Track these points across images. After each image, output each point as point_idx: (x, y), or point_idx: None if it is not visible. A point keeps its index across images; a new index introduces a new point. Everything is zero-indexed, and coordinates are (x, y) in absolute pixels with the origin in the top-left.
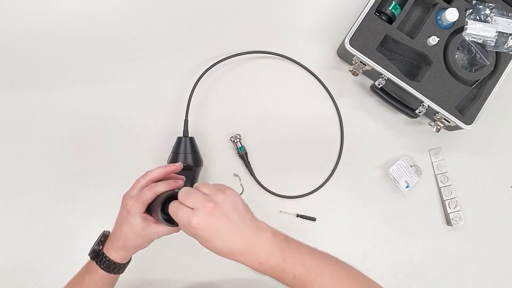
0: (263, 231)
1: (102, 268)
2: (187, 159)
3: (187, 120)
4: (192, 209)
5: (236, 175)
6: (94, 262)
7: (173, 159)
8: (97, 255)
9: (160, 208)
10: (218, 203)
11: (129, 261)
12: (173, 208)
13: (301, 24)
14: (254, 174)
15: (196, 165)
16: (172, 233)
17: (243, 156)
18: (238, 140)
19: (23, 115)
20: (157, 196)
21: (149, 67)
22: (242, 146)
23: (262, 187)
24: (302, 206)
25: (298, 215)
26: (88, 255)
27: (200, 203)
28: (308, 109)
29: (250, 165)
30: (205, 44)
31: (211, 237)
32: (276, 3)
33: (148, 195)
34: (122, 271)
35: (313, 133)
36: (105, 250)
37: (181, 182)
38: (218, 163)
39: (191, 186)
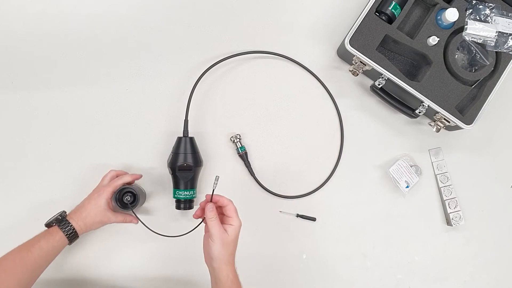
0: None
1: (63, 231)
2: (187, 159)
3: (187, 120)
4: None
5: (216, 180)
6: (54, 228)
7: (173, 159)
8: (61, 221)
9: (117, 196)
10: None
11: (76, 239)
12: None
13: (301, 24)
14: (254, 174)
15: (196, 165)
16: (120, 222)
17: (243, 156)
18: (238, 140)
19: (23, 115)
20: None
21: (149, 67)
22: (242, 146)
23: (262, 187)
24: (302, 206)
25: (298, 215)
26: (50, 222)
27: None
28: (308, 109)
29: (250, 165)
30: (205, 44)
31: (228, 243)
32: (276, 3)
33: (119, 182)
34: (71, 242)
35: (313, 133)
36: (68, 218)
37: (140, 174)
38: (218, 163)
39: (191, 186)
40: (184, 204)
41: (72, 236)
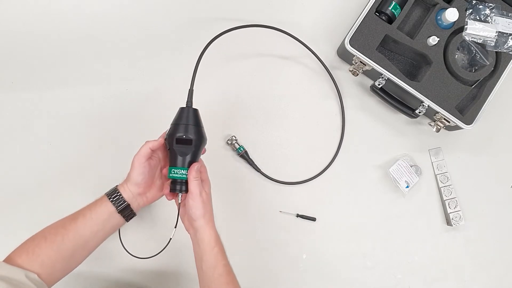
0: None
1: (108, 197)
2: (188, 130)
3: (192, 90)
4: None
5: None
6: (101, 197)
7: (172, 130)
8: (112, 191)
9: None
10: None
11: (130, 213)
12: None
13: (301, 24)
14: (260, 170)
15: (198, 140)
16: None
17: (244, 155)
18: (234, 141)
19: (23, 115)
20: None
21: (149, 67)
22: (241, 146)
23: (270, 178)
24: (302, 205)
25: (298, 215)
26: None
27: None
28: (309, 106)
29: (253, 162)
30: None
31: (207, 202)
32: (276, 3)
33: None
34: (126, 216)
35: (313, 132)
36: (118, 187)
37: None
38: (219, 169)
39: (190, 162)
40: (180, 185)
41: (119, 203)
